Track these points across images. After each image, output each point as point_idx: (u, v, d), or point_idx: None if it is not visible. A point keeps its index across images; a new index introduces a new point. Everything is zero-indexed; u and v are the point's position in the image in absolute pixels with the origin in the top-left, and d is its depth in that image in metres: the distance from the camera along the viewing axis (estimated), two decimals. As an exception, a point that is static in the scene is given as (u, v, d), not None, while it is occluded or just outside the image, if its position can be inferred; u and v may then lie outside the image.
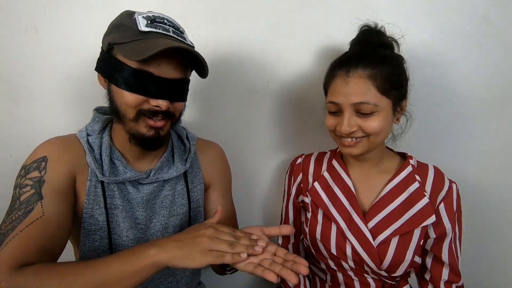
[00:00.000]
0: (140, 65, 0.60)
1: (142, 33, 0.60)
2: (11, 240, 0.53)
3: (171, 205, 0.74)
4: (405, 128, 0.80)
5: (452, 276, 0.72)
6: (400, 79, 0.69)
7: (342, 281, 0.76)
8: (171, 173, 0.73)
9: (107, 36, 0.64)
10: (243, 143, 1.00)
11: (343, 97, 0.67)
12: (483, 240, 0.98)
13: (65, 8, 0.93)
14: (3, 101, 0.98)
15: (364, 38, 0.73)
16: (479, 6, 0.87)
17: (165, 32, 0.62)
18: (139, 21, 0.61)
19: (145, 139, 0.65)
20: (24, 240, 0.53)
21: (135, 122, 0.63)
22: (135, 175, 0.69)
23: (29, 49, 0.94)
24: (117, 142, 0.70)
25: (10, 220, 0.56)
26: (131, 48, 0.59)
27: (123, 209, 0.68)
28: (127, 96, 0.61)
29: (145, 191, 0.71)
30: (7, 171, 1.03)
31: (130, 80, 0.61)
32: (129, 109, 0.62)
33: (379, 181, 0.76)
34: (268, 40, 0.93)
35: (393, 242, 0.70)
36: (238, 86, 0.96)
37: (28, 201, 0.57)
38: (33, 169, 0.61)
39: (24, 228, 0.54)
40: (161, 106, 0.62)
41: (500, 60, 0.89)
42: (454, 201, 0.72)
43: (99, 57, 0.67)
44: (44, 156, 0.63)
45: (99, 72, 0.67)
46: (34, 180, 0.60)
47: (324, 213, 0.76)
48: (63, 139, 0.68)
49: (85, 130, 0.69)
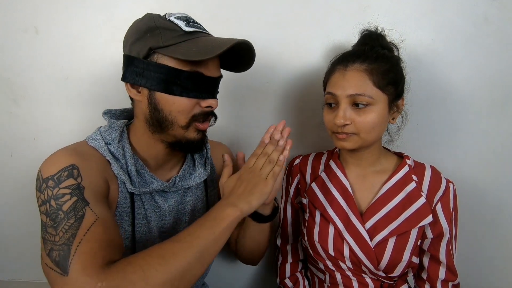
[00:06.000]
0: (192, 67, 0.58)
1: (187, 34, 0.59)
2: (79, 246, 0.49)
3: (192, 211, 0.74)
4: (401, 127, 0.80)
5: (448, 275, 0.73)
6: (397, 77, 0.71)
7: (341, 281, 0.76)
8: (194, 179, 0.72)
9: (137, 42, 0.60)
10: (243, 143, 1.00)
11: (340, 89, 0.68)
12: (481, 240, 0.98)
13: (65, 8, 0.93)
14: (3, 101, 0.98)
15: (364, 42, 0.76)
16: (479, 6, 0.86)
17: (203, 30, 0.62)
18: (177, 22, 0.59)
19: (194, 144, 0.64)
20: (93, 242, 0.50)
21: (186, 128, 0.62)
22: (162, 184, 0.67)
23: (29, 49, 0.95)
24: (138, 150, 0.67)
25: (64, 231, 0.51)
26: (186, 49, 0.57)
27: (152, 219, 0.67)
28: (180, 101, 0.59)
29: (172, 199, 0.70)
30: (7, 171, 1.04)
31: (181, 84, 0.58)
32: (182, 116, 0.60)
33: (376, 181, 0.76)
34: (268, 40, 0.93)
35: (390, 242, 0.70)
36: (238, 86, 0.96)
37: (74, 209, 0.53)
38: (66, 177, 0.55)
39: (85, 233, 0.51)
40: (213, 106, 0.62)
41: (500, 60, 0.88)
42: (451, 201, 0.73)
43: (127, 67, 0.62)
44: (72, 164, 0.57)
45: (130, 82, 0.62)
46: (72, 187, 0.54)
47: (322, 214, 0.76)
48: (79, 149, 0.61)
49: (101, 138, 0.63)
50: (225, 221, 0.56)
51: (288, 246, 0.88)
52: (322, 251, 0.76)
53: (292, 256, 0.88)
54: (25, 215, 1.05)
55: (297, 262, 0.88)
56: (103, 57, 0.95)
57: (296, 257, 0.88)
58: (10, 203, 1.04)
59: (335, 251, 0.74)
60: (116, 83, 0.97)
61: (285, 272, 0.87)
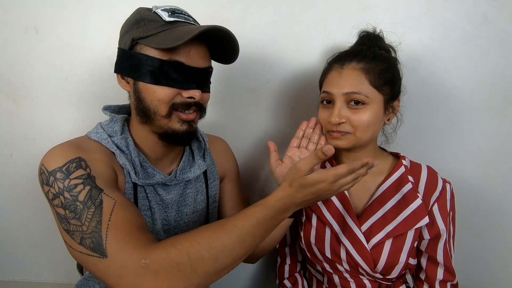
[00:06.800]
0: (170, 55, 0.58)
1: (168, 23, 0.59)
2: (108, 231, 0.49)
3: (193, 203, 0.74)
4: (397, 129, 0.80)
5: (447, 275, 0.72)
6: (393, 77, 0.70)
7: (339, 283, 0.76)
8: (194, 171, 0.72)
9: (125, 34, 0.62)
10: (242, 143, 1.00)
11: (336, 88, 0.68)
12: (481, 240, 0.98)
13: (65, 8, 0.93)
14: (3, 101, 0.98)
15: (362, 43, 0.75)
16: (479, 6, 0.86)
17: (187, 21, 0.61)
18: (161, 13, 0.59)
19: (179, 135, 0.62)
20: (120, 224, 0.51)
21: (168, 118, 0.61)
22: (164, 177, 0.67)
23: (29, 49, 0.95)
24: (138, 144, 0.67)
25: (88, 220, 0.51)
26: (162, 38, 0.57)
27: (155, 211, 0.67)
28: (159, 91, 0.59)
29: (174, 192, 0.70)
30: (7, 171, 1.04)
31: (161, 73, 0.58)
32: (162, 104, 0.60)
33: (372, 183, 0.75)
34: (268, 40, 0.93)
35: (387, 244, 0.70)
36: (238, 86, 0.97)
37: (91, 197, 0.52)
38: (74, 168, 0.55)
39: (110, 218, 0.51)
40: (195, 97, 0.61)
41: (499, 60, 0.88)
42: (448, 201, 0.72)
43: (118, 58, 0.64)
44: (78, 156, 0.57)
45: (120, 74, 0.64)
46: (83, 177, 0.54)
47: (318, 217, 0.76)
48: (81, 143, 0.61)
49: (103, 131, 0.64)
50: (279, 220, 0.57)
51: (286, 248, 0.88)
52: (319, 254, 0.76)
53: (291, 258, 0.88)
54: (25, 215, 1.05)
55: (295, 263, 0.88)
56: (103, 57, 0.95)
57: (295, 259, 0.88)
58: (10, 203, 1.05)
59: (332, 254, 0.73)
60: (116, 83, 0.97)
61: (283, 273, 0.87)
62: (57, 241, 1.09)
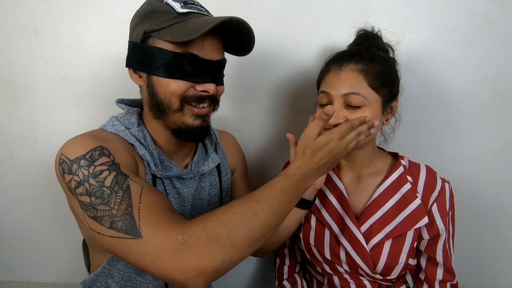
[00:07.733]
0: (184, 48, 0.57)
1: (181, 15, 0.58)
2: (140, 212, 0.49)
3: (208, 197, 0.74)
4: (395, 129, 0.80)
5: (446, 275, 0.72)
6: (392, 78, 0.70)
7: (338, 284, 0.76)
8: (208, 164, 0.72)
9: (136, 27, 0.61)
10: (242, 143, 1.00)
11: (334, 89, 0.68)
12: (481, 240, 0.98)
13: (65, 8, 0.93)
14: (3, 101, 0.98)
15: (360, 42, 0.75)
16: (479, 6, 0.86)
17: (200, 11, 0.60)
18: (173, 4, 0.58)
19: (192, 130, 0.62)
20: (151, 205, 0.50)
21: (181, 112, 0.60)
22: (181, 170, 0.67)
23: (29, 49, 0.95)
24: (153, 137, 0.66)
25: (118, 203, 0.50)
26: (176, 31, 0.56)
27: (173, 204, 0.66)
28: (173, 84, 0.58)
29: (190, 185, 0.70)
30: (7, 171, 1.04)
31: (175, 66, 0.57)
32: (174, 97, 0.59)
33: (371, 183, 0.75)
34: (268, 40, 0.93)
35: (386, 245, 0.70)
36: (238, 86, 0.97)
37: (117, 182, 0.51)
38: (98, 156, 0.54)
39: (139, 200, 0.50)
40: (210, 91, 0.59)
41: (500, 60, 0.88)
42: (447, 201, 0.72)
43: (130, 52, 0.63)
44: (100, 145, 0.55)
45: (132, 68, 0.63)
46: (108, 164, 0.53)
47: (317, 218, 0.76)
48: (99, 134, 0.60)
49: (119, 124, 0.63)
50: (302, 189, 0.59)
51: (285, 249, 0.88)
52: (318, 255, 0.76)
53: (290, 259, 0.88)
54: (25, 214, 1.05)
55: (295, 264, 0.88)
56: (103, 57, 0.95)
57: (294, 260, 0.88)
58: (10, 203, 1.05)
59: (332, 255, 0.73)
60: (117, 83, 0.97)
61: (283, 274, 0.87)
62: (57, 241, 1.09)
